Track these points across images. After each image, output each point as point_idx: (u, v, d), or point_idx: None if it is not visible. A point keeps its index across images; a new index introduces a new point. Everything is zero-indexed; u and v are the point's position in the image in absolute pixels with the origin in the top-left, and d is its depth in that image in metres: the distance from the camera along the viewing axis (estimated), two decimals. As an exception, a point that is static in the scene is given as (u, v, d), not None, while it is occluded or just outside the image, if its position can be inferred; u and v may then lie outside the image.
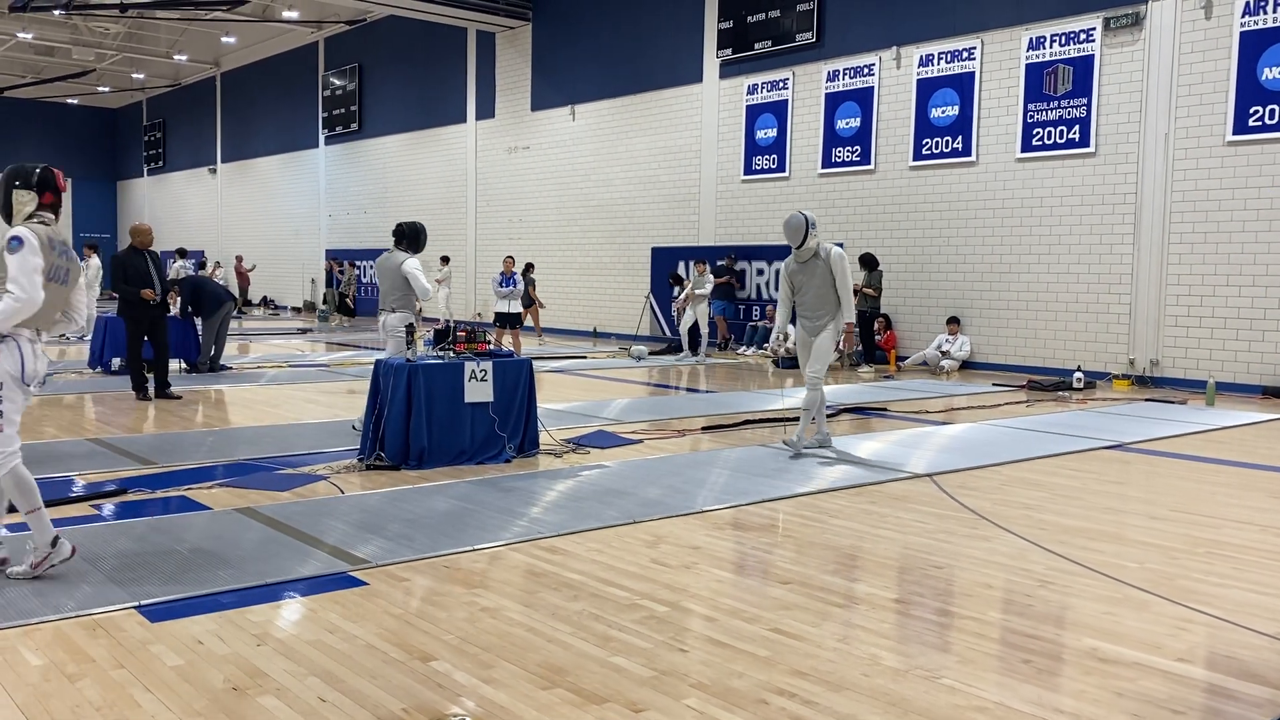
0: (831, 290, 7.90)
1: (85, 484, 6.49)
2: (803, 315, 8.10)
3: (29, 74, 35.91)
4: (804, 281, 7.98)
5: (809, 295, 7.97)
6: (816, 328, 7.99)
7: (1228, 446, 8.75)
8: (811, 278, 7.92)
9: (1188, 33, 12.87)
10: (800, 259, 7.95)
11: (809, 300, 7.98)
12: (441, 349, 7.63)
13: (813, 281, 7.92)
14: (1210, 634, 4.09)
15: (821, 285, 7.90)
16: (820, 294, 7.92)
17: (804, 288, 8.00)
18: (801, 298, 8.06)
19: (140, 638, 3.83)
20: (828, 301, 7.93)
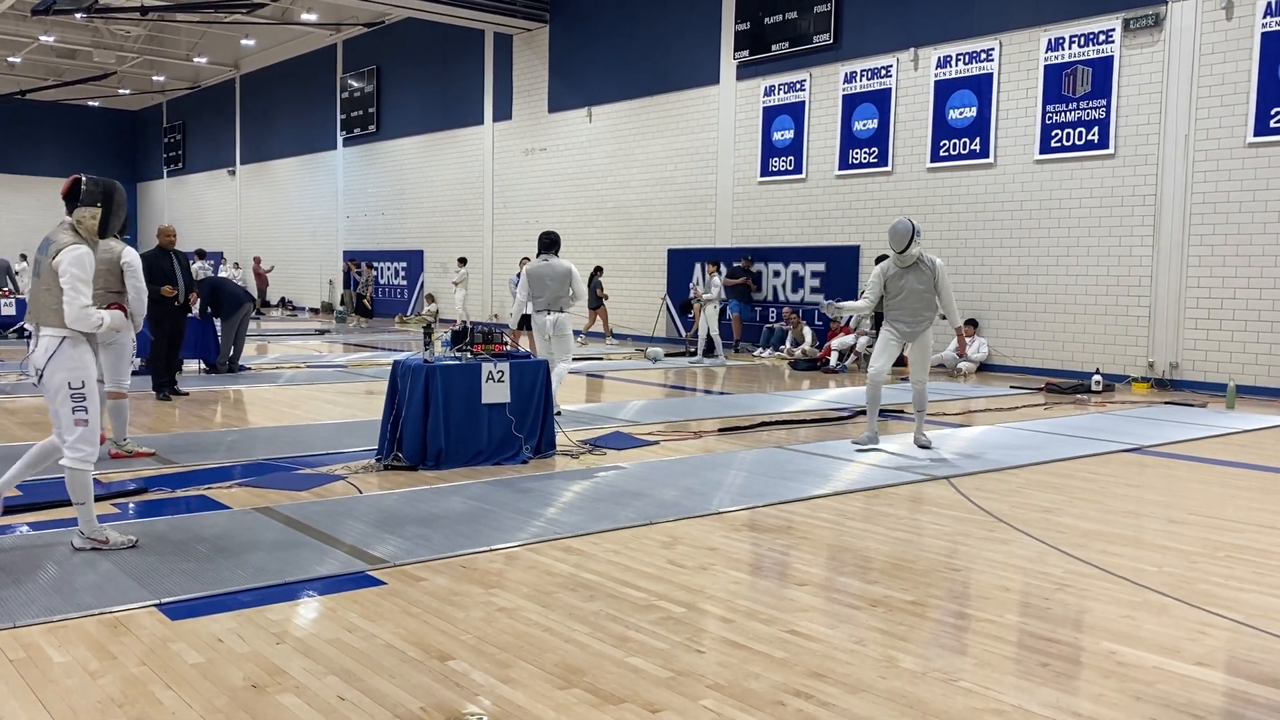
0: (932, 296, 8.08)
1: (106, 483, 6.54)
2: (898, 321, 8.18)
3: (51, 76, 36.24)
4: (903, 286, 8.11)
5: (909, 300, 8.10)
6: (916, 333, 8.16)
7: (1248, 450, 8.68)
8: (911, 284, 8.07)
9: (1208, 34, 12.78)
10: (903, 264, 8.06)
11: (909, 305, 8.11)
12: (459, 350, 7.66)
13: (912, 287, 8.07)
14: (1230, 638, 4.07)
15: (925, 292, 8.05)
16: (923, 300, 8.07)
17: (903, 292, 8.12)
18: (899, 302, 8.15)
19: (161, 635, 3.86)
20: (929, 307, 8.10)
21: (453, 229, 26.31)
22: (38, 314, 4.80)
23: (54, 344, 4.75)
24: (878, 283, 8.24)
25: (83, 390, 4.78)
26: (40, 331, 4.79)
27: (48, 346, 4.75)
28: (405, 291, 28.09)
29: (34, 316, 4.81)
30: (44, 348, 4.76)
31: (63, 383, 4.75)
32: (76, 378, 4.77)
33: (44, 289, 4.76)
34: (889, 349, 8.28)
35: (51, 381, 4.75)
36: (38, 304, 4.79)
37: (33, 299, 4.83)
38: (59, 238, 4.80)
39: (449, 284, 25.24)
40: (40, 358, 4.77)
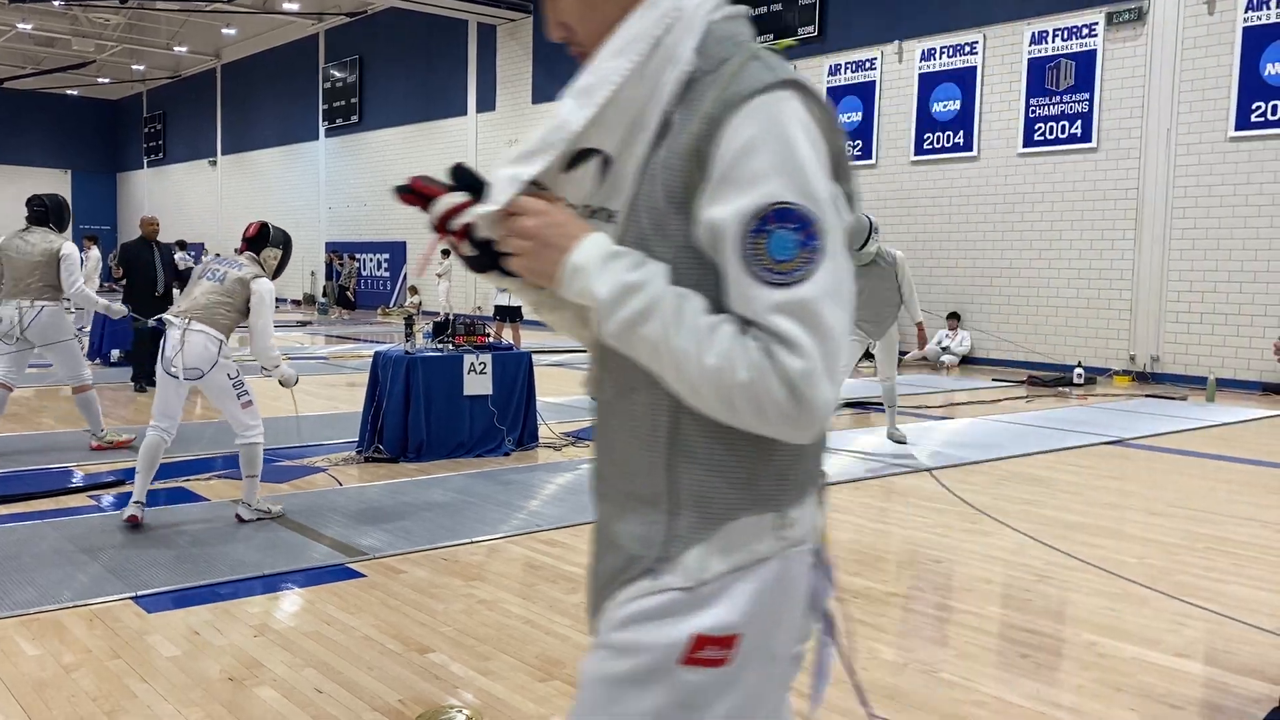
0: (894, 293, 7.87)
1: (84, 475, 6.47)
2: (862, 321, 7.86)
3: (29, 65, 35.85)
4: (863, 286, 7.88)
5: (872, 299, 7.82)
6: (881, 331, 7.98)
7: (1228, 442, 8.74)
8: (872, 282, 7.81)
9: (1190, 28, 12.83)
10: (861, 262, 7.76)
11: (872, 304, 7.83)
12: (440, 341, 7.61)
13: (874, 285, 7.81)
14: (1209, 629, 4.09)
15: (884, 290, 7.83)
16: (884, 296, 7.85)
17: (865, 291, 7.87)
18: (862, 301, 7.90)
19: (137, 628, 3.82)
20: (891, 303, 7.90)
21: (436, 220, 26.16)
22: (198, 313, 5.15)
23: (214, 344, 5.15)
24: None
25: (240, 378, 5.28)
26: (197, 329, 5.12)
27: (206, 346, 5.12)
28: (388, 283, 27.96)
29: (191, 314, 5.15)
30: (202, 346, 5.11)
31: (223, 376, 5.20)
32: (233, 369, 5.25)
33: (223, 294, 5.22)
34: (851, 349, 8.09)
35: (216, 379, 5.19)
36: (203, 304, 5.17)
37: (196, 301, 5.20)
38: (254, 268, 5.35)
39: (432, 275, 25.13)
40: (199, 357, 5.11)
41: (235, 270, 5.31)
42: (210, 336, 5.15)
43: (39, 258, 6.79)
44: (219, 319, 5.19)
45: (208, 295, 5.22)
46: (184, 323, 5.14)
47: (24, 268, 6.78)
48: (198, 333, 5.12)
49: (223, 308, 5.21)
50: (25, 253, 6.82)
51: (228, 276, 5.28)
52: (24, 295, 6.76)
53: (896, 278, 7.87)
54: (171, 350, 5.14)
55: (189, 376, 5.16)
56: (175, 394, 5.26)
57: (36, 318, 6.77)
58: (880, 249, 7.86)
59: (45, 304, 6.80)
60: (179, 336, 5.12)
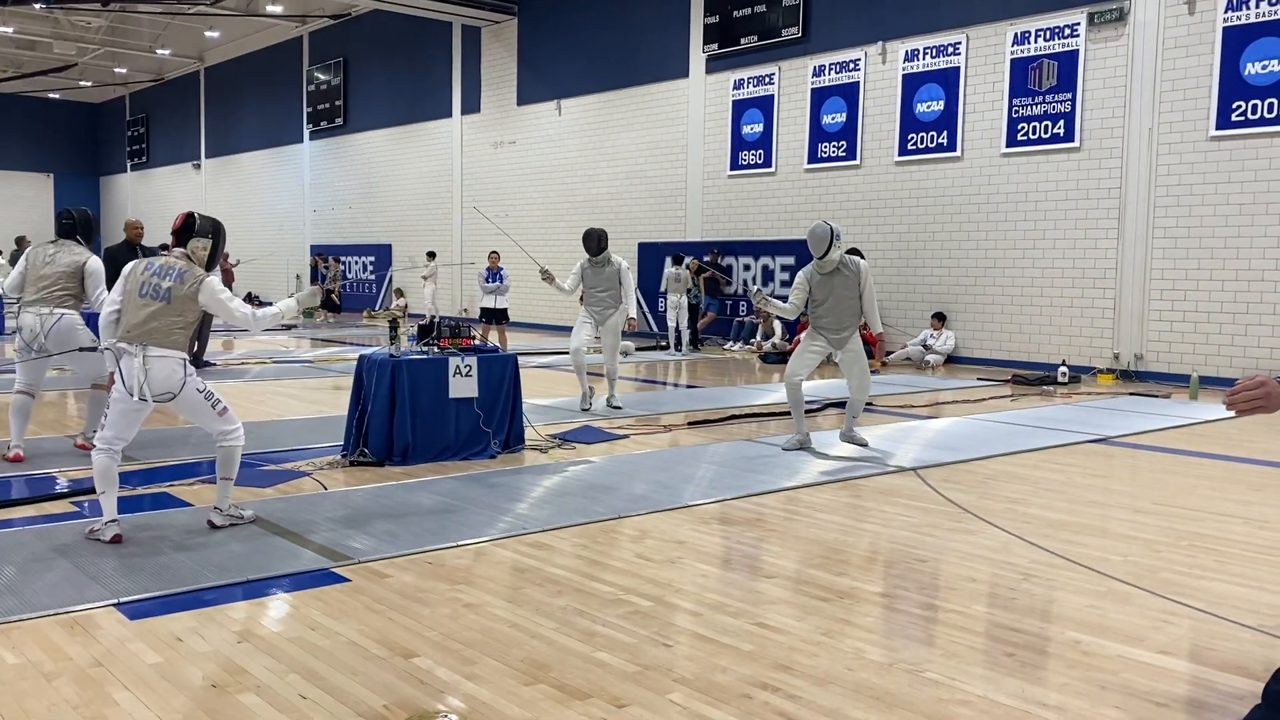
0: (856, 302, 7.77)
1: (67, 481, 6.43)
2: (824, 329, 7.84)
3: (10, 68, 35.58)
4: (827, 294, 7.78)
5: (833, 306, 7.77)
6: (842, 339, 7.83)
7: (1211, 440, 8.79)
8: (836, 290, 7.74)
9: (1171, 28, 12.91)
10: (823, 270, 7.73)
11: (832, 311, 7.78)
12: (426, 344, 7.59)
13: (837, 293, 7.74)
14: (1193, 626, 4.11)
15: (847, 297, 7.74)
16: (846, 305, 7.76)
17: (827, 299, 7.79)
18: (822, 309, 7.82)
19: (119, 635, 3.79)
20: (853, 312, 7.80)
21: (421, 223, 26.13)
22: (153, 337, 4.99)
23: (179, 365, 5.06)
24: (802, 288, 7.85)
25: (209, 388, 5.23)
26: (157, 353, 5.00)
27: (172, 370, 5.02)
28: (373, 286, 27.88)
29: (144, 339, 4.98)
30: (167, 371, 5.01)
31: (194, 392, 5.13)
32: (200, 383, 5.19)
33: (173, 314, 5.03)
34: (806, 356, 7.90)
35: (189, 397, 5.12)
36: (155, 328, 5.00)
37: (143, 324, 4.99)
38: (189, 269, 5.13)
39: (418, 278, 25.06)
40: (166, 382, 5.02)
41: (177, 284, 5.06)
42: (174, 360, 5.04)
43: (64, 269, 6.98)
44: (177, 339, 5.06)
45: (158, 318, 5.02)
46: (139, 349, 4.98)
47: (49, 277, 6.95)
48: (159, 358, 5.00)
49: (176, 327, 5.06)
50: (51, 263, 7.00)
51: (172, 294, 5.04)
52: (45, 304, 6.91)
53: (859, 286, 7.74)
54: (132, 379, 4.98)
55: (160, 400, 5.05)
56: (136, 418, 5.13)
57: (56, 325, 6.89)
58: (844, 256, 7.74)
59: (65, 312, 6.93)
60: (139, 364, 4.97)
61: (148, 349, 4.99)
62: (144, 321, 5.01)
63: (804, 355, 7.94)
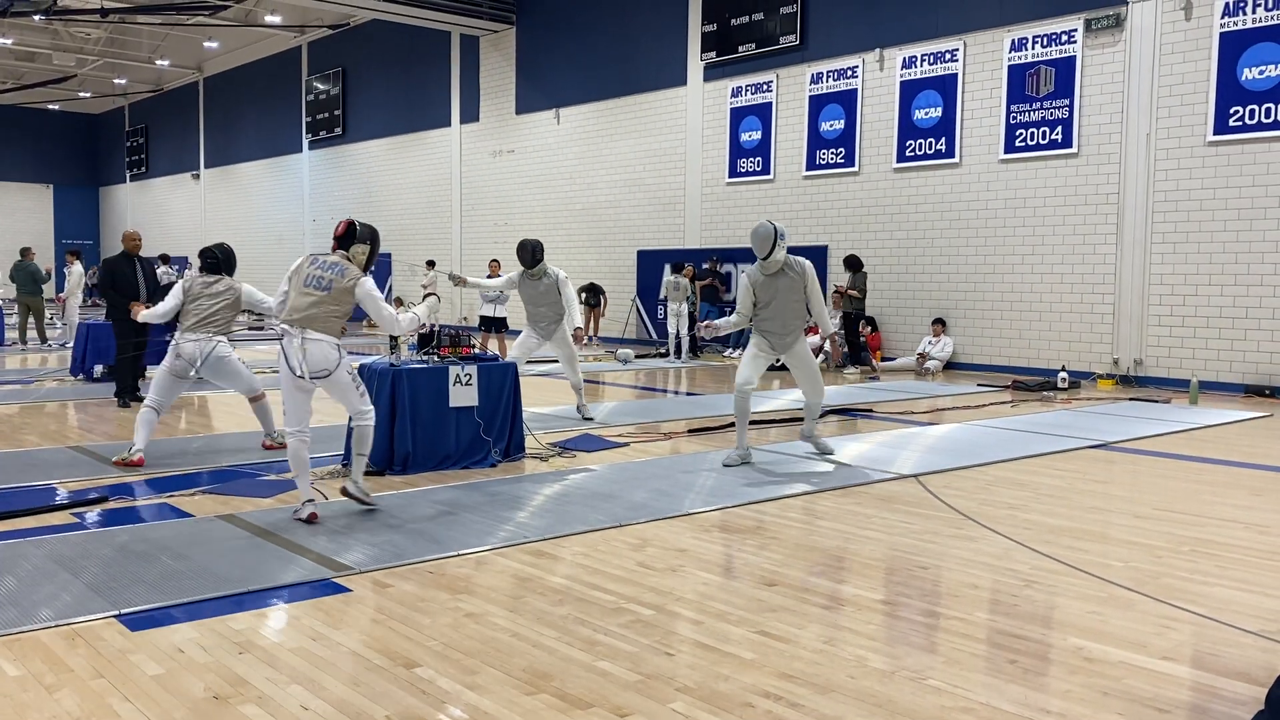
0: (802, 304, 7.52)
1: (67, 492, 6.43)
2: (768, 332, 7.57)
3: (9, 79, 35.66)
4: (772, 296, 7.49)
5: (778, 309, 7.49)
6: (786, 343, 7.58)
7: (1211, 445, 8.79)
8: (781, 291, 7.46)
9: (1168, 34, 12.95)
10: (767, 271, 7.44)
11: (778, 314, 7.50)
12: (426, 353, 7.59)
13: (782, 295, 7.46)
14: (1195, 632, 4.10)
15: (792, 299, 7.47)
16: (791, 308, 7.49)
17: (772, 302, 7.49)
18: (767, 312, 7.53)
19: (120, 647, 3.79)
20: (798, 315, 7.55)
21: (420, 232, 26.15)
22: (316, 324, 5.64)
23: (334, 350, 5.70)
24: (747, 294, 7.55)
25: (354, 372, 5.91)
26: (315, 337, 5.64)
27: (326, 353, 5.67)
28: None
29: (305, 324, 5.63)
30: (323, 353, 5.66)
31: (344, 374, 5.78)
32: (350, 366, 5.84)
33: (333, 305, 5.68)
34: (757, 361, 7.63)
35: (340, 377, 5.75)
36: (315, 315, 5.64)
37: (308, 312, 5.64)
38: (349, 267, 5.77)
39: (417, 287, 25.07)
40: (322, 361, 5.66)
41: (339, 278, 5.69)
42: (329, 343, 5.67)
43: (220, 301, 7.75)
44: (333, 326, 5.71)
45: (319, 306, 5.65)
46: (300, 331, 5.61)
47: (207, 307, 7.69)
48: (316, 341, 5.63)
49: (334, 316, 5.71)
50: (209, 295, 7.74)
51: (334, 286, 5.67)
52: (204, 330, 7.65)
53: (805, 288, 7.48)
54: (294, 358, 5.61)
55: (316, 377, 5.67)
56: (304, 398, 5.78)
57: (214, 351, 7.64)
58: (788, 257, 7.46)
59: (220, 340, 7.70)
60: (299, 344, 5.60)
61: (306, 332, 5.62)
62: (306, 308, 5.65)
63: (753, 361, 7.65)
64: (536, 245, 9.54)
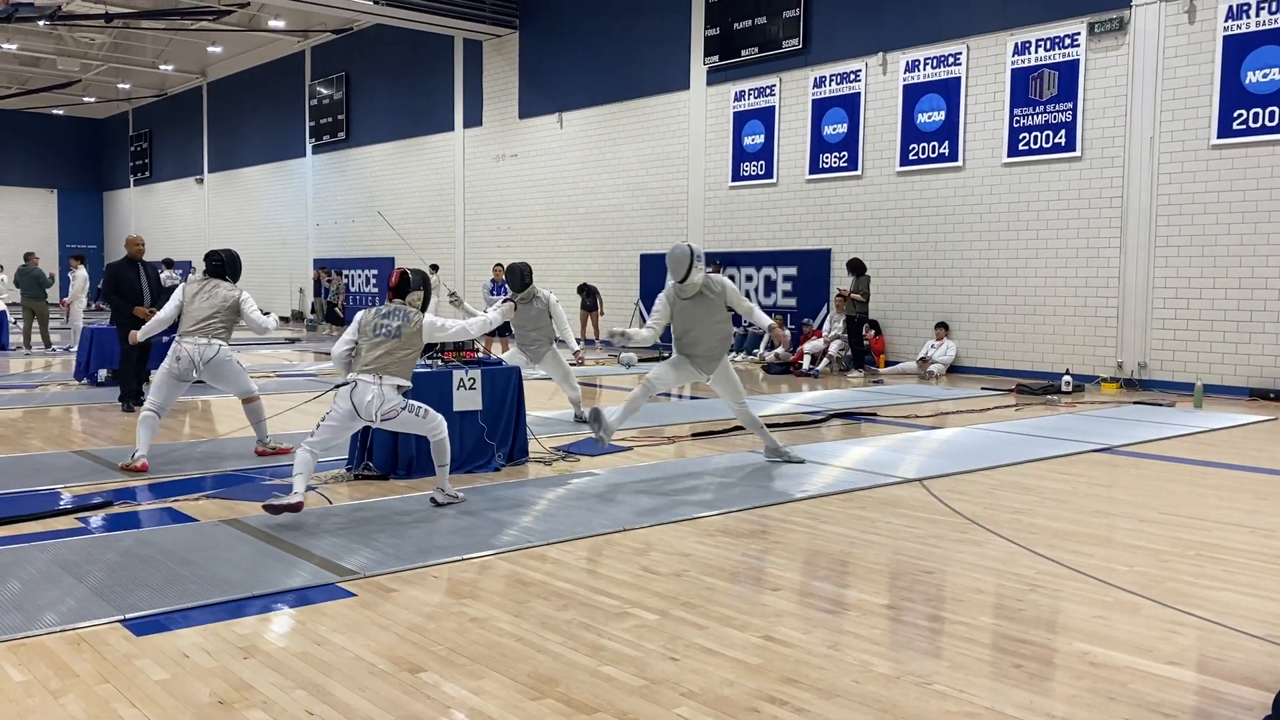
0: (725, 324, 7.31)
1: (72, 496, 6.43)
2: (692, 354, 7.35)
3: (14, 84, 35.75)
4: (691, 320, 7.25)
5: (701, 333, 7.27)
6: (713, 366, 7.38)
7: (1216, 449, 8.77)
8: (701, 315, 7.23)
9: (1171, 37, 12.94)
10: (685, 294, 7.19)
11: (701, 338, 7.28)
12: (429, 358, 7.60)
13: (703, 318, 7.24)
14: (1201, 637, 4.09)
15: (714, 321, 7.26)
16: (714, 331, 7.28)
17: (693, 328, 7.27)
18: (689, 337, 7.31)
19: (125, 651, 3.79)
20: (721, 335, 7.35)
21: (424, 236, 26.17)
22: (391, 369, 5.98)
23: (397, 394, 6.01)
24: (664, 310, 7.32)
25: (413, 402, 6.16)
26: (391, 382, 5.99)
27: (394, 395, 6.00)
28: (376, 299, 27.90)
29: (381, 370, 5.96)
30: (391, 395, 5.98)
31: (404, 410, 6.05)
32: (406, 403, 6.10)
33: (404, 350, 6.05)
34: (679, 374, 7.46)
35: (402, 414, 6.04)
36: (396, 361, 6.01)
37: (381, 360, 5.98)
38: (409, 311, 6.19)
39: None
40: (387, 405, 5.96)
41: (406, 323, 6.08)
42: (401, 384, 6.03)
43: (220, 304, 7.70)
44: (406, 369, 6.06)
45: (393, 353, 6.00)
46: (377, 379, 5.94)
47: (204, 312, 7.64)
48: (391, 384, 5.98)
49: (409, 358, 6.09)
50: (209, 299, 7.71)
51: (403, 331, 6.06)
52: (202, 335, 7.59)
53: (727, 306, 7.29)
54: (369, 405, 5.92)
55: (387, 418, 6.01)
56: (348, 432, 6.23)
57: (216, 355, 7.59)
58: (706, 278, 7.21)
59: (220, 344, 7.64)
60: (377, 390, 5.93)
61: (383, 379, 5.96)
62: (380, 357, 5.99)
63: (673, 370, 7.46)
64: (525, 269, 9.38)
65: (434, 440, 6.18)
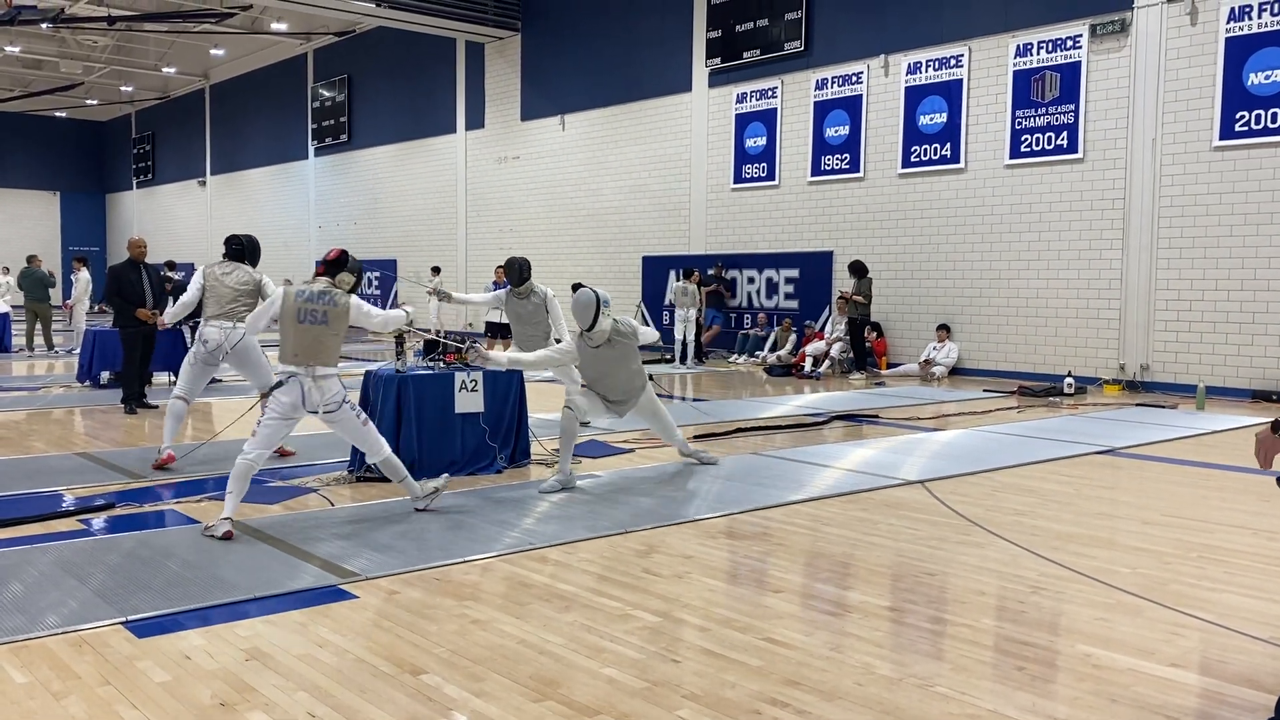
0: (639, 369, 7.12)
1: (74, 498, 6.44)
2: (606, 397, 7.12)
3: (17, 87, 35.81)
4: (602, 370, 7.00)
5: (613, 380, 7.03)
6: (626, 407, 7.15)
7: (1219, 450, 8.76)
8: (611, 362, 6.98)
9: (1173, 39, 12.94)
10: (593, 343, 6.87)
11: (615, 385, 7.06)
12: (431, 359, 7.60)
13: (613, 366, 7.00)
14: (1203, 639, 4.09)
15: (629, 365, 7.05)
16: (626, 375, 7.05)
17: (604, 376, 7.02)
18: (604, 383, 7.06)
19: (127, 653, 3.79)
20: (636, 378, 7.11)
21: (426, 238, 26.20)
22: (318, 357, 5.70)
23: (338, 382, 5.80)
24: (572, 353, 7.02)
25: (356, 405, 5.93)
26: (322, 372, 5.72)
27: (334, 385, 5.77)
28: (379, 301, 27.92)
29: (310, 360, 5.68)
30: (331, 386, 5.75)
31: (349, 410, 5.85)
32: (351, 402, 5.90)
33: (332, 334, 5.74)
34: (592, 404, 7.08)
35: (346, 413, 5.81)
36: (317, 349, 5.70)
37: (307, 346, 5.70)
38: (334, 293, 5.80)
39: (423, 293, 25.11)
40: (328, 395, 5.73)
41: (331, 307, 5.73)
42: (335, 376, 5.78)
43: (241, 287, 7.78)
44: (333, 354, 5.79)
45: (321, 341, 5.71)
46: (309, 370, 5.69)
47: (228, 295, 7.72)
48: (325, 376, 5.73)
49: (335, 344, 5.79)
50: (229, 283, 7.77)
51: (329, 318, 5.72)
52: (228, 319, 7.67)
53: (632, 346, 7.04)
54: (307, 399, 5.68)
55: (329, 410, 5.74)
56: (290, 427, 5.82)
57: (243, 340, 7.64)
58: (616, 325, 6.89)
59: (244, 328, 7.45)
60: (310, 384, 5.67)
61: (315, 369, 5.70)
62: (309, 346, 5.70)
63: (589, 397, 7.10)
64: (524, 264, 9.27)
65: (379, 460, 5.96)
